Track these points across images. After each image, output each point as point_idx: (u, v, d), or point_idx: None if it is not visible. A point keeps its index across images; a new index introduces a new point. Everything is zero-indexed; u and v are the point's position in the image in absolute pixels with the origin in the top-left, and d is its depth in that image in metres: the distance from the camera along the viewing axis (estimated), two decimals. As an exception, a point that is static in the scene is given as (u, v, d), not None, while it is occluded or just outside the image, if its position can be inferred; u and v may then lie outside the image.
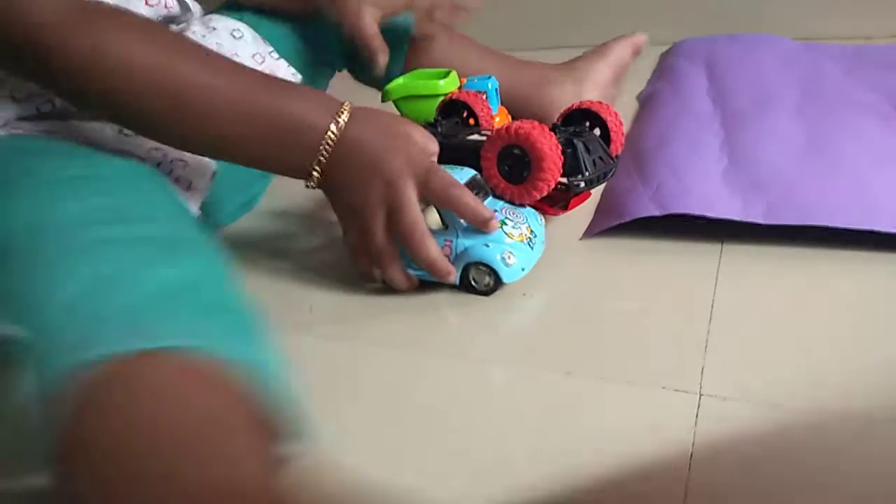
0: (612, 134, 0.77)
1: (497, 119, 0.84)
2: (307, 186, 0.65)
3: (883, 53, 1.13)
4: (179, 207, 0.60)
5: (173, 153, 0.71)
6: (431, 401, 0.56)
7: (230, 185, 0.82)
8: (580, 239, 0.76)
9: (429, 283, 0.69)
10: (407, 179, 0.63)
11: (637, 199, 0.76)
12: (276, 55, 0.82)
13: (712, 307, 0.63)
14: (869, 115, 0.90)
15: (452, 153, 0.71)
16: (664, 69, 1.20)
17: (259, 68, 0.78)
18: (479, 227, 0.66)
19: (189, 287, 0.46)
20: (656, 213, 0.73)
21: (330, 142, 0.62)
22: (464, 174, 0.68)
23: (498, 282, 0.67)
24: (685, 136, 0.89)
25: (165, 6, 0.74)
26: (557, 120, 0.78)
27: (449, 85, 0.84)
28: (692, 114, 0.97)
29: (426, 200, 0.66)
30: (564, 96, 0.91)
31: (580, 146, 0.70)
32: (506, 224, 0.68)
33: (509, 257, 0.66)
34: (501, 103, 0.88)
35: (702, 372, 0.55)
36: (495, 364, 0.60)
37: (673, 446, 0.49)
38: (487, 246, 0.67)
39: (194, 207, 0.73)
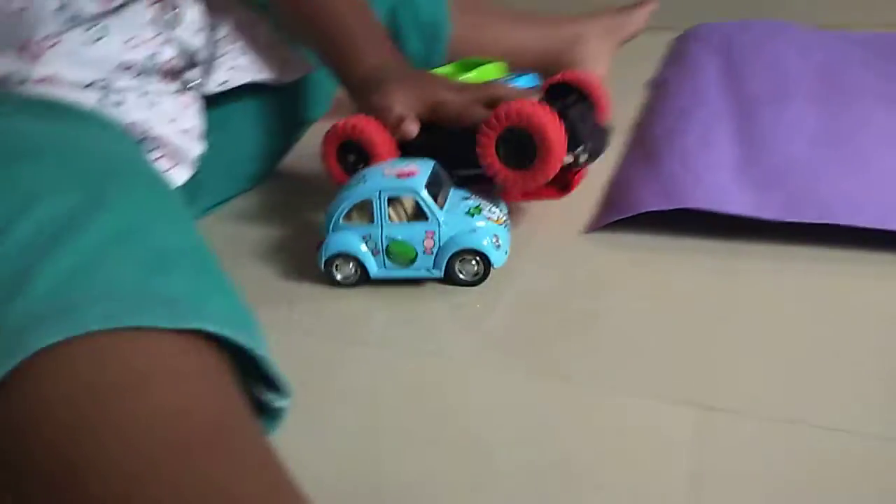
0: (598, 108, 0.72)
1: None
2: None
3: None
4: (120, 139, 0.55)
5: (154, 131, 0.68)
6: (411, 402, 0.52)
7: (215, 167, 0.78)
8: (584, 233, 0.72)
9: (414, 281, 0.65)
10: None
11: (644, 192, 0.72)
12: (288, 46, 0.84)
13: (718, 310, 0.59)
14: (891, 106, 0.86)
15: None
16: (677, 55, 1.15)
17: (270, 54, 0.82)
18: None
19: (130, 235, 0.39)
20: (664, 206, 0.68)
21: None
22: (425, 165, 0.64)
23: (486, 269, 0.63)
24: (697, 126, 0.85)
25: None
26: (542, 92, 0.73)
27: (490, 73, 0.80)
28: (705, 104, 0.92)
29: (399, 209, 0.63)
30: (597, 50, 1.00)
31: (575, 117, 0.65)
32: (482, 209, 0.65)
33: (497, 241, 0.63)
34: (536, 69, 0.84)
35: (702, 382, 0.51)
36: (481, 367, 0.55)
37: (669, 460, 0.45)
38: (474, 231, 0.63)
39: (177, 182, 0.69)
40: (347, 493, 0.45)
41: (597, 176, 0.79)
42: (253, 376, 0.39)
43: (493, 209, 0.66)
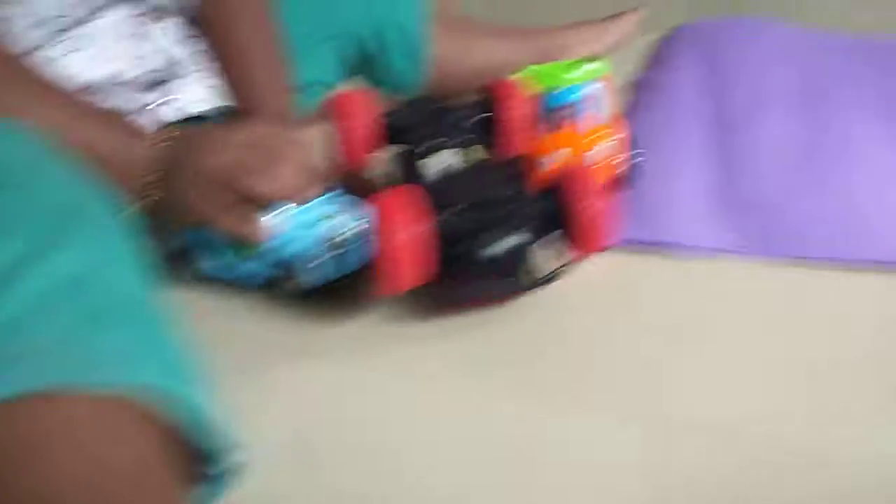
0: (503, 129, 0.68)
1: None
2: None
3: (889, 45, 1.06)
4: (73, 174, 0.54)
5: None
6: (374, 420, 0.53)
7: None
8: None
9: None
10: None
11: (615, 216, 0.71)
12: None
13: (684, 323, 0.59)
14: (874, 117, 0.85)
15: None
16: (660, 57, 1.13)
17: None
18: (247, 239, 0.61)
19: (73, 285, 0.39)
20: (633, 236, 0.68)
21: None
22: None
23: (326, 280, 0.60)
24: (674, 141, 0.84)
25: None
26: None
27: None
28: (684, 113, 0.91)
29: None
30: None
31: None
32: (337, 216, 0.61)
33: (338, 248, 0.59)
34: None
35: (660, 401, 0.51)
36: (447, 387, 0.55)
37: (631, 481, 0.45)
38: (312, 237, 0.60)
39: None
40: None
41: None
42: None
43: (351, 219, 0.61)
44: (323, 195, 0.64)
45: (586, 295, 0.63)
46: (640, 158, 0.73)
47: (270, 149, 0.61)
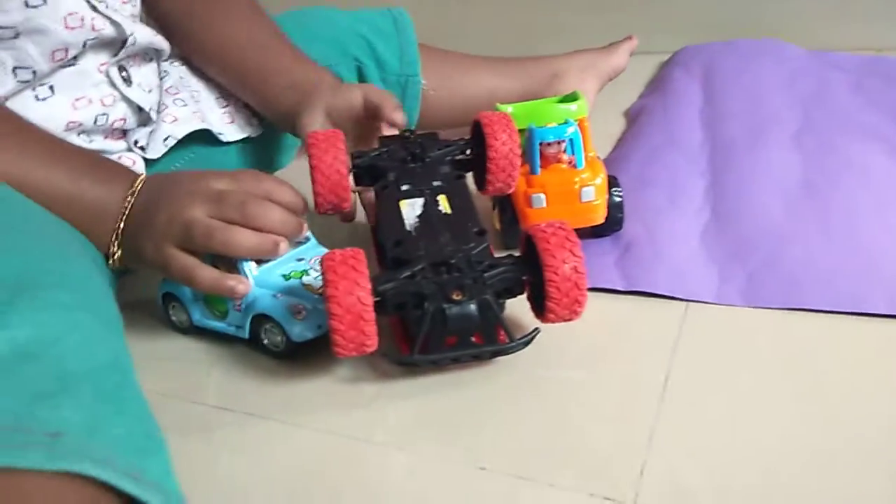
0: (489, 168, 0.64)
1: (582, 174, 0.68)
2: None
3: (894, 66, 1.02)
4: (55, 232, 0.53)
5: None
6: (323, 485, 0.49)
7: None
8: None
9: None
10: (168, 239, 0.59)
11: (601, 261, 0.67)
12: (242, 102, 0.81)
13: (666, 381, 0.55)
14: (874, 145, 0.81)
15: None
16: (658, 81, 1.09)
17: (221, 111, 0.79)
18: (265, 256, 0.60)
19: (27, 357, 0.37)
20: (619, 285, 0.64)
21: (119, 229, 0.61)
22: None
23: (289, 342, 0.58)
24: (667, 176, 0.80)
25: (93, 28, 0.65)
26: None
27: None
28: (679, 145, 0.87)
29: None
30: (578, 86, 0.92)
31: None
32: (307, 274, 0.60)
33: (300, 312, 0.58)
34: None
35: (641, 473, 0.47)
36: (400, 449, 0.51)
37: None
38: (276, 297, 0.58)
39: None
40: None
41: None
42: None
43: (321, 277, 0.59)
44: (299, 245, 0.62)
45: (568, 345, 0.59)
46: (620, 199, 0.69)
47: (246, 199, 0.59)
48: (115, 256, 0.61)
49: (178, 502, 0.36)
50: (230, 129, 0.80)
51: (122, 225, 0.60)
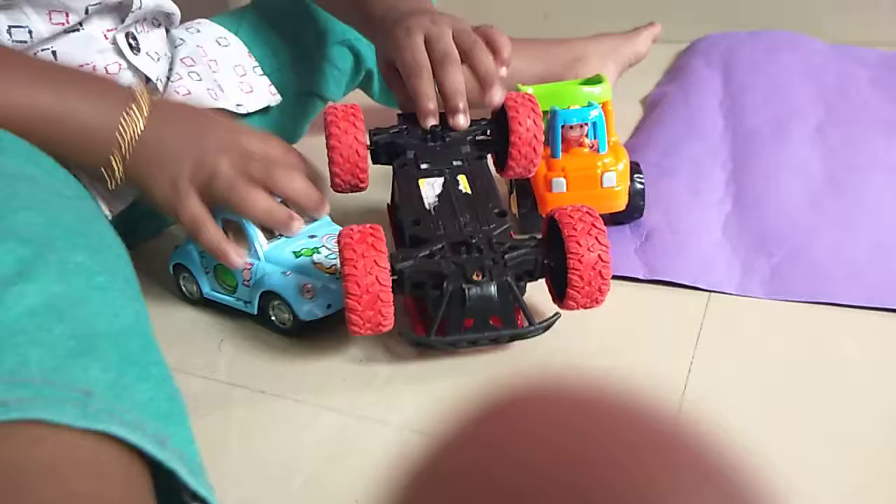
0: (511, 153, 0.62)
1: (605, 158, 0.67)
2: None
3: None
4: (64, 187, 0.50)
5: None
6: (341, 465, 0.48)
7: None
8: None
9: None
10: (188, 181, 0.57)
11: (621, 248, 0.66)
12: (259, 71, 0.80)
13: (689, 372, 0.53)
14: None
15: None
16: (678, 70, 1.08)
17: (238, 80, 0.77)
18: (277, 227, 0.58)
19: (58, 313, 0.36)
20: (641, 274, 0.62)
21: (119, 143, 0.56)
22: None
23: (297, 320, 0.57)
24: (688, 166, 0.78)
25: None
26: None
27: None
28: (700, 135, 0.85)
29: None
30: (599, 70, 0.93)
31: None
32: (318, 252, 0.58)
33: (309, 291, 0.56)
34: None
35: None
36: (416, 433, 0.50)
37: None
38: (285, 274, 0.57)
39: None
40: None
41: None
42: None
43: (333, 255, 0.58)
44: (313, 222, 0.61)
45: (588, 332, 0.58)
46: (643, 186, 0.68)
47: (274, 162, 0.58)
48: (118, 173, 0.56)
49: (200, 471, 0.35)
50: (248, 98, 0.78)
51: (130, 145, 0.56)
